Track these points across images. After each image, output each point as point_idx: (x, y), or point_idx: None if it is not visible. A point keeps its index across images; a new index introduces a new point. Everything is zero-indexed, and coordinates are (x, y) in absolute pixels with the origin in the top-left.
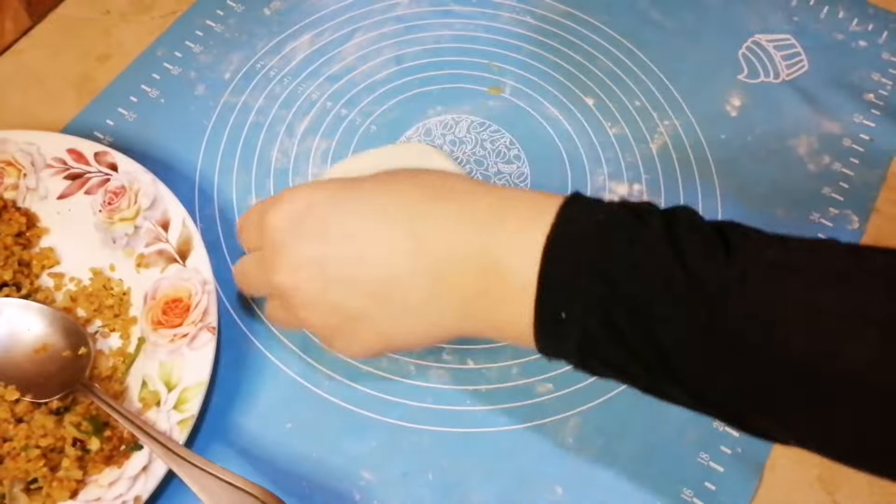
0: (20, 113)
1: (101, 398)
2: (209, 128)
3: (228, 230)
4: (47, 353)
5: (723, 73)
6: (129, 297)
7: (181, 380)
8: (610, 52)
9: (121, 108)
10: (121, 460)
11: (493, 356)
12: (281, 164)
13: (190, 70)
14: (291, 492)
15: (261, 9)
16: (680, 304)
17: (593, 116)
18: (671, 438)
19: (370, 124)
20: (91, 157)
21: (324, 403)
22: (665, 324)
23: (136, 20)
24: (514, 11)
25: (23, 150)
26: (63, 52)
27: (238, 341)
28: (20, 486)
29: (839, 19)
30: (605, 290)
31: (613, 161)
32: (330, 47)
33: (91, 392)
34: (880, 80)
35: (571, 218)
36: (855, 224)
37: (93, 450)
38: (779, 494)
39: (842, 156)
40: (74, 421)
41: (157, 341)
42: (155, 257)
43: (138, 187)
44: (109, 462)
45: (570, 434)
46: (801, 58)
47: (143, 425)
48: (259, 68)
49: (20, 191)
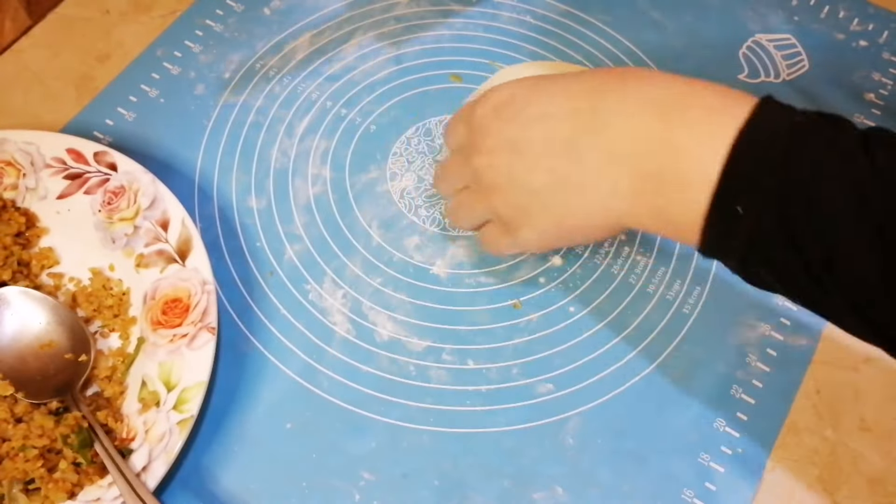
0: (19, 112)
1: (86, 417)
2: (209, 127)
3: (228, 230)
4: (52, 351)
5: (723, 72)
6: (128, 297)
7: (181, 380)
8: (610, 52)
9: (120, 107)
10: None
11: (493, 356)
12: (280, 164)
13: (189, 70)
14: (291, 492)
15: (260, 8)
16: (864, 212)
17: None
18: (671, 438)
19: (370, 124)
20: (90, 157)
21: (324, 403)
22: (846, 230)
23: (135, 20)
24: (514, 11)
25: (22, 150)
26: (63, 51)
27: (238, 341)
28: (19, 486)
29: (839, 19)
30: (790, 188)
31: None
32: (330, 47)
33: (77, 407)
34: (880, 80)
35: (766, 116)
36: None
37: (84, 462)
38: (779, 495)
39: None
40: (64, 432)
41: (157, 341)
42: (154, 257)
43: (138, 187)
44: (104, 473)
45: (570, 434)
46: (802, 57)
47: (120, 464)
48: (259, 68)
49: (19, 191)
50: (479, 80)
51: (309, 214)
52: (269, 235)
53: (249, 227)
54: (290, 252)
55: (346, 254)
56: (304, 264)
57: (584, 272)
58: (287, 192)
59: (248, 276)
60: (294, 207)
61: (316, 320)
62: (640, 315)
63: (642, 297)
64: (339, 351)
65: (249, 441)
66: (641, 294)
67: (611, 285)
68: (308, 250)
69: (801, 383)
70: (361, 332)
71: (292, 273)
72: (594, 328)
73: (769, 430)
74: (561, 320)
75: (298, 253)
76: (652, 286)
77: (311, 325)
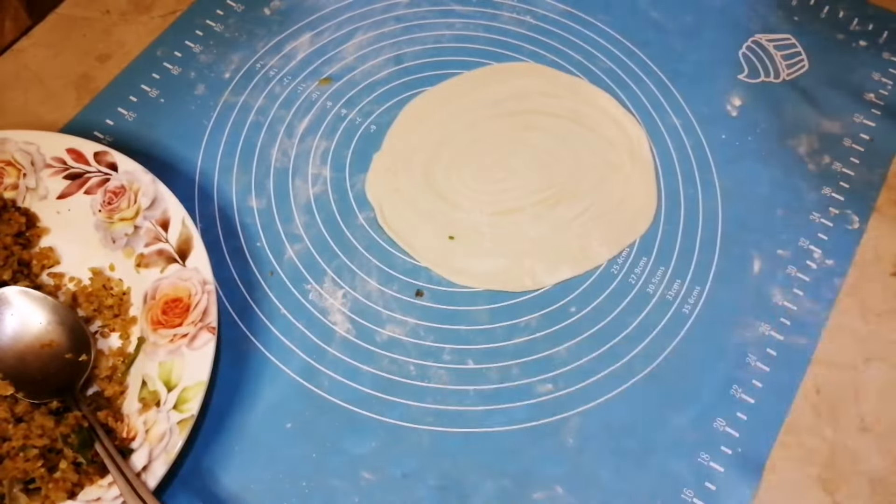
0: (20, 112)
1: (86, 416)
2: (209, 127)
3: (228, 230)
4: (52, 350)
5: (723, 72)
6: (128, 296)
7: (181, 380)
8: (610, 52)
9: (120, 107)
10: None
11: (493, 356)
12: (281, 164)
13: (190, 70)
14: (291, 492)
15: (261, 8)
16: None
17: None
18: (671, 438)
19: (370, 124)
20: (91, 157)
21: (324, 403)
22: None
23: (136, 20)
24: (514, 11)
25: (22, 150)
26: (63, 51)
27: (238, 341)
28: (19, 486)
29: (839, 19)
30: None
31: None
32: (330, 47)
33: (77, 407)
34: (880, 80)
35: None
36: (855, 224)
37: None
38: (779, 495)
39: (842, 156)
40: (65, 431)
41: (157, 341)
42: (154, 257)
43: (138, 187)
44: (105, 473)
45: (570, 434)
46: (802, 57)
47: (120, 463)
48: (259, 68)
49: (20, 190)
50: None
51: (309, 214)
52: (270, 235)
53: (250, 226)
54: (291, 252)
55: (347, 254)
56: (305, 264)
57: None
58: (287, 192)
59: (248, 275)
60: (294, 207)
61: (316, 320)
62: (640, 315)
63: (642, 297)
64: (340, 351)
65: (249, 441)
66: (641, 294)
67: (611, 285)
68: (308, 250)
69: (800, 383)
70: (361, 331)
71: (292, 273)
72: (594, 328)
73: (769, 430)
74: (561, 320)
75: (299, 253)
76: (651, 286)
77: (311, 324)
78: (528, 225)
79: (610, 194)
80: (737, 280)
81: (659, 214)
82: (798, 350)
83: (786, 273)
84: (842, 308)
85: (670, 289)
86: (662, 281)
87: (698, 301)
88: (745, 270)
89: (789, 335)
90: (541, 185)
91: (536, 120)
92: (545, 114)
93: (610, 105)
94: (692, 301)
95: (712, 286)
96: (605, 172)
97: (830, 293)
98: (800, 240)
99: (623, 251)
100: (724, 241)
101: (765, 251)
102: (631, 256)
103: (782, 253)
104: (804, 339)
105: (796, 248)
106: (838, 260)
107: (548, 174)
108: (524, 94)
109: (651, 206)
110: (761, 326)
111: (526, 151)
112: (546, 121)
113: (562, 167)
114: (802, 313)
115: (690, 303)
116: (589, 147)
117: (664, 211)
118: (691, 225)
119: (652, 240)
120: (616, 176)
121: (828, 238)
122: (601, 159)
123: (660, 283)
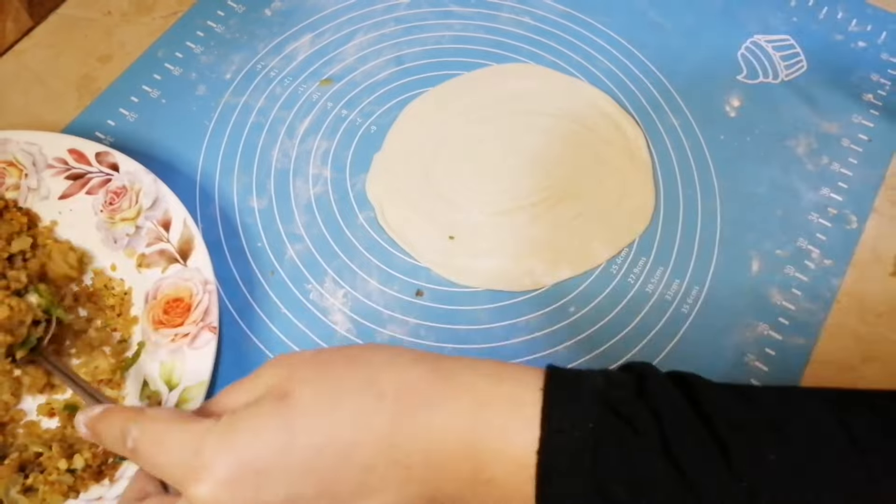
0: (21, 113)
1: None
2: (210, 128)
3: (229, 230)
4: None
5: (722, 73)
6: (130, 296)
7: (182, 379)
8: (610, 52)
9: (122, 108)
10: (111, 473)
11: (493, 355)
12: (282, 164)
13: (191, 70)
14: None
15: (261, 9)
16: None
17: None
18: None
19: (370, 125)
20: (92, 158)
21: None
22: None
23: (137, 21)
24: (514, 11)
25: (24, 151)
26: (64, 52)
27: (239, 341)
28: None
29: (838, 20)
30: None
31: None
32: (330, 48)
33: (46, 360)
34: (879, 81)
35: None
36: (854, 224)
37: (78, 468)
38: None
39: (840, 156)
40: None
41: (159, 341)
42: (156, 257)
43: (139, 187)
44: (99, 477)
45: None
46: (801, 58)
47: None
48: (260, 69)
49: (22, 191)
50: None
51: (310, 214)
52: (271, 235)
53: (251, 226)
54: (291, 252)
55: (347, 253)
56: (305, 264)
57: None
58: (288, 193)
59: (249, 275)
60: (295, 207)
61: (317, 320)
62: (639, 314)
63: (641, 297)
64: None
65: None
66: (640, 294)
67: (610, 285)
68: (309, 250)
69: (799, 383)
70: (362, 331)
71: (293, 273)
72: (593, 328)
73: None
74: (560, 320)
75: (299, 253)
76: (650, 286)
77: (311, 324)
78: (528, 225)
79: (609, 194)
80: (735, 280)
81: (658, 214)
82: (797, 350)
83: (784, 273)
84: (840, 308)
85: (669, 288)
86: (661, 281)
87: (697, 301)
88: (744, 270)
89: (788, 335)
90: (540, 185)
91: (536, 120)
92: (544, 114)
93: (609, 106)
94: (691, 301)
95: (711, 286)
96: (605, 173)
97: (829, 293)
98: (798, 240)
99: (622, 251)
100: (722, 241)
101: (763, 251)
102: (630, 256)
103: (781, 253)
104: (803, 338)
105: (795, 249)
106: (837, 260)
107: (547, 174)
108: (524, 95)
109: (650, 206)
110: (760, 326)
111: (525, 152)
112: (545, 121)
113: (561, 167)
114: (801, 313)
115: (689, 302)
116: (588, 147)
117: (663, 211)
118: (690, 225)
119: (651, 240)
120: (615, 176)
121: (826, 238)
122: (600, 160)
123: (659, 282)
